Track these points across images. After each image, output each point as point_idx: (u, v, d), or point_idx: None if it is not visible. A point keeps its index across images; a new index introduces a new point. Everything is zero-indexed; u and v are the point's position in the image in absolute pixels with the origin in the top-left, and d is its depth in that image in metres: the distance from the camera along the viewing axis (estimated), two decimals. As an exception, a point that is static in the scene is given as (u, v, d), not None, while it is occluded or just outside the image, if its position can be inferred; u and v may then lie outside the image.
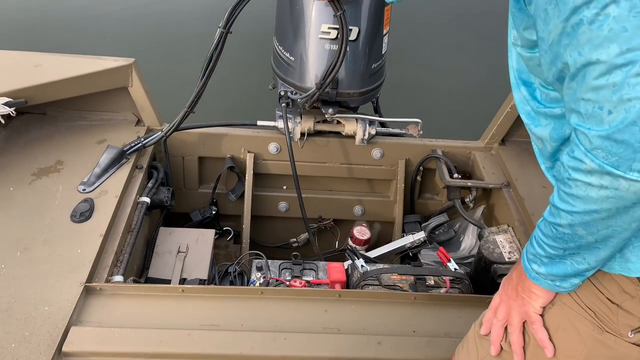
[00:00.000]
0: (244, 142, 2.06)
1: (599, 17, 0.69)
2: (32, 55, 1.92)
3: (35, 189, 1.68)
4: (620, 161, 0.72)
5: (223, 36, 1.72)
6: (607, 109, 0.71)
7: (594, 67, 0.72)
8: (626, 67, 0.69)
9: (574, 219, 0.82)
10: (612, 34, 0.69)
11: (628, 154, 0.71)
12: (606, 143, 0.72)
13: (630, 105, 0.69)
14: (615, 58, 0.69)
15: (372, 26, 1.83)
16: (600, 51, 0.70)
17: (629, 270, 0.90)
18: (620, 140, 0.71)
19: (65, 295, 1.35)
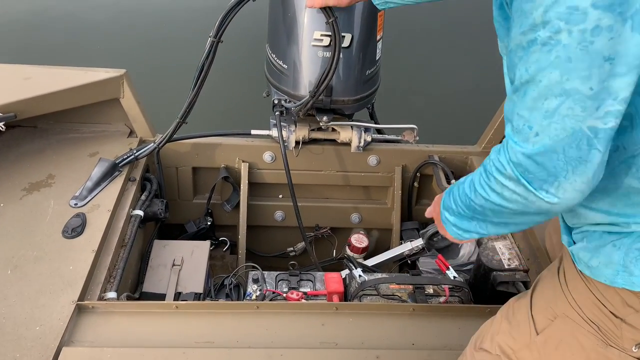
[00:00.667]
0: (238, 152, 2.04)
1: (550, 41, 0.71)
2: (22, 68, 1.89)
3: (26, 204, 1.66)
4: (534, 179, 0.79)
5: (214, 45, 1.70)
6: (535, 131, 0.76)
7: (535, 88, 0.75)
8: (561, 98, 0.72)
9: (486, 204, 0.91)
10: (558, 61, 0.71)
11: (542, 175, 0.78)
12: (526, 161, 0.78)
13: (555, 133, 0.74)
14: (554, 85, 0.72)
15: (365, 32, 1.81)
16: (543, 74, 0.73)
17: (633, 284, 0.88)
18: (539, 162, 0.77)
19: (56, 315, 1.32)
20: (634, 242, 0.87)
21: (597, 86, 0.70)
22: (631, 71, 0.70)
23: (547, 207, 0.81)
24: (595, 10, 0.67)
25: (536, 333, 1.01)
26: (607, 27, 0.68)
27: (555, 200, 0.79)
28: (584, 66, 0.70)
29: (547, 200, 0.79)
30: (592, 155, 0.75)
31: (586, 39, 0.68)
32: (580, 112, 0.72)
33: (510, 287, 1.68)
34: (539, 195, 0.79)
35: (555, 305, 1.00)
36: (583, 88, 0.71)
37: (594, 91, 0.71)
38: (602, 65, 0.70)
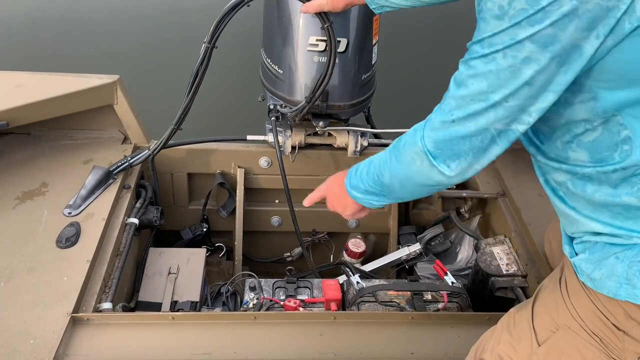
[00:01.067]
0: (234, 157, 2.02)
1: (489, 56, 0.82)
2: (13, 75, 1.87)
3: (19, 213, 1.63)
4: (439, 155, 0.94)
5: (208, 51, 1.68)
6: (453, 118, 0.90)
7: (466, 88, 0.87)
8: (482, 103, 0.85)
9: (394, 175, 1.06)
10: (490, 74, 0.83)
11: (447, 153, 0.93)
12: (438, 140, 0.93)
13: (469, 126, 0.88)
14: (480, 93, 0.85)
15: (361, 37, 1.79)
16: (475, 80, 0.85)
17: (636, 297, 0.87)
18: (449, 142, 0.92)
19: (51, 327, 1.30)
20: (637, 255, 0.86)
21: (513, 102, 0.83)
22: (546, 95, 0.82)
23: (443, 179, 0.97)
24: (532, 44, 0.77)
25: (538, 345, 1.00)
26: (536, 60, 0.78)
27: (452, 174, 0.95)
28: (508, 86, 0.82)
29: (445, 173, 0.95)
30: (491, 148, 0.90)
31: (516, 64, 0.80)
32: (493, 117, 0.86)
33: (509, 292, 1.68)
34: (439, 169, 0.95)
35: (557, 317, 0.99)
36: (502, 101, 0.84)
37: (510, 105, 0.84)
38: (522, 88, 0.81)
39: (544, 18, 0.74)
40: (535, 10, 0.74)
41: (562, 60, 0.77)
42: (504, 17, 0.77)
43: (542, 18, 0.74)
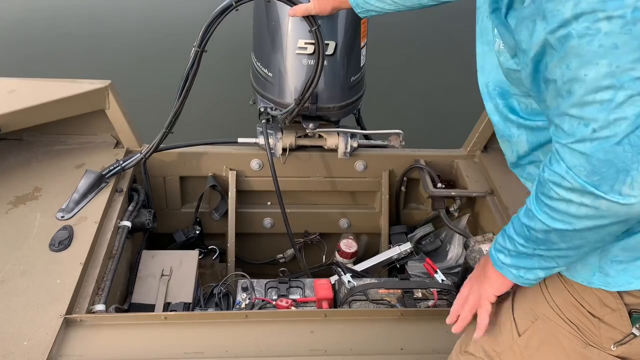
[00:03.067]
0: (226, 160, 2.04)
1: (589, 32, 0.67)
2: (6, 81, 1.88)
3: (12, 218, 1.65)
4: (602, 181, 0.72)
5: (198, 55, 1.70)
6: (592, 127, 0.70)
7: (581, 84, 0.70)
8: (614, 87, 0.68)
9: (550, 230, 0.82)
10: (603, 49, 0.67)
11: (611, 174, 0.71)
12: (590, 162, 0.71)
13: (616, 125, 0.69)
14: (604, 76, 0.68)
15: (349, 40, 1.82)
16: (589, 67, 0.68)
17: (608, 285, 0.90)
18: (603, 159, 0.70)
19: (44, 329, 1.32)
20: (609, 244, 0.89)
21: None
22: None
23: (625, 211, 0.72)
24: None
25: (518, 335, 1.03)
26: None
27: (633, 200, 0.71)
28: (632, 49, 0.66)
29: (623, 203, 0.72)
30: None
31: (628, 22, 0.66)
32: (638, 95, 0.67)
33: (497, 289, 1.70)
34: (612, 199, 0.72)
35: (535, 307, 1.02)
36: (635, 72, 0.67)
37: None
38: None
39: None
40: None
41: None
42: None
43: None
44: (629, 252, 0.88)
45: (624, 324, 0.91)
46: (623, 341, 0.92)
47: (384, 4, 1.52)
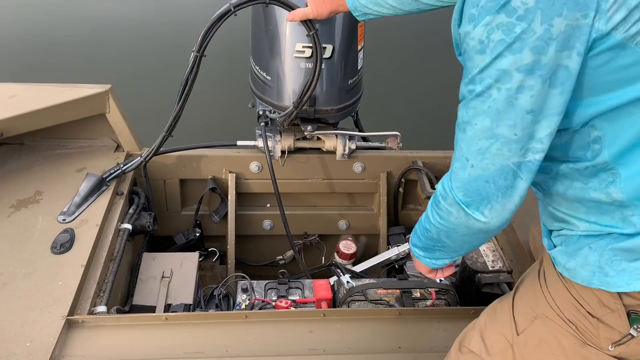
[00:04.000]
0: (225, 163, 2.06)
1: (484, 94, 0.84)
2: (7, 87, 1.91)
3: (14, 221, 1.67)
4: (471, 203, 0.93)
5: (197, 60, 1.72)
6: (470, 163, 0.90)
7: (471, 129, 0.87)
8: (491, 140, 0.85)
9: (439, 231, 1.04)
10: (490, 111, 0.84)
11: (477, 199, 0.92)
12: (464, 188, 0.92)
13: (487, 167, 0.88)
14: (486, 130, 0.85)
15: (346, 43, 1.84)
16: (478, 119, 0.86)
17: (608, 285, 0.91)
18: (474, 188, 0.91)
19: (47, 330, 1.33)
20: (609, 244, 0.91)
21: (520, 132, 0.84)
22: (549, 118, 0.83)
23: (483, 226, 0.94)
24: (519, 73, 0.79)
25: (517, 333, 1.05)
26: (528, 87, 0.80)
27: (487, 220, 0.93)
28: (510, 117, 0.83)
29: (481, 220, 0.93)
30: (517, 184, 0.89)
31: (511, 95, 0.81)
32: (507, 152, 0.86)
33: (495, 288, 1.72)
34: (475, 217, 0.93)
35: (535, 307, 1.03)
36: (509, 134, 0.84)
37: (518, 136, 0.84)
38: (525, 117, 0.83)
39: (522, 46, 0.77)
40: (512, 39, 0.77)
41: (553, 82, 0.79)
42: (486, 51, 0.80)
43: (521, 46, 0.77)
44: (629, 254, 0.89)
45: (622, 325, 0.92)
46: (621, 342, 0.93)
47: (382, 8, 1.54)
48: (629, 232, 0.88)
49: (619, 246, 0.89)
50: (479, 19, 0.80)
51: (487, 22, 0.79)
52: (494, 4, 0.78)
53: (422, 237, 1.12)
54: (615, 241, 0.90)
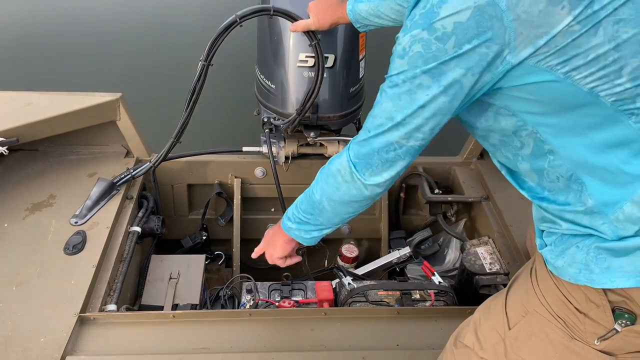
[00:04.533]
0: (231, 168, 2.13)
1: (392, 84, 1.01)
2: (23, 95, 1.99)
3: (29, 224, 1.74)
4: (358, 165, 1.12)
5: (205, 69, 1.77)
6: (368, 134, 1.08)
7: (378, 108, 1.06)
8: (387, 120, 1.03)
9: (324, 190, 1.21)
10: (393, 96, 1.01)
11: (363, 164, 1.11)
12: (357, 155, 1.11)
13: (378, 141, 1.06)
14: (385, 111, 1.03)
15: (348, 53, 1.91)
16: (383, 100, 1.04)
17: (593, 282, 0.96)
18: (364, 156, 1.10)
19: (60, 326, 1.40)
20: (594, 243, 0.96)
21: (411, 121, 1.00)
22: (435, 117, 0.99)
23: (361, 185, 1.13)
24: (425, 76, 0.95)
25: (509, 328, 1.09)
26: (427, 87, 0.96)
27: (369, 182, 1.12)
28: (406, 105, 0.99)
29: (363, 181, 1.12)
30: (397, 161, 1.08)
31: (412, 89, 0.97)
32: (396, 133, 1.03)
33: (493, 289, 1.76)
34: (359, 176, 1.12)
35: (527, 303, 1.08)
36: (402, 120, 1.01)
37: (408, 124, 1.01)
38: (418, 111, 0.99)
39: (435, 59, 0.92)
40: (428, 53, 0.92)
41: (447, 91, 0.95)
42: (404, 57, 0.96)
43: (434, 59, 0.92)
44: (613, 253, 0.94)
45: (607, 320, 0.97)
46: (606, 336, 0.97)
47: (381, 20, 1.60)
48: (607, 238, 0.94)
49: (604, 245, 0.95)
50: (409, 30, 0.94)
51: (413, 34, 0.93)
52: (423, 22, 0.92)
53: (303, 204, 1.31)
54: (600, 241, 0.95)
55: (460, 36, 0.89)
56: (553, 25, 0.85)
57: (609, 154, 0.92)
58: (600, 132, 0.92)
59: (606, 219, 0.95)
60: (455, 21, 0.88)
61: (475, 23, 0.87)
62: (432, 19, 0.90)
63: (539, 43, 0.86)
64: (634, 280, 0.91)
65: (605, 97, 0.88)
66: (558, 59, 0.87)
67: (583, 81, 0.88)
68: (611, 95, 0.88)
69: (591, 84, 0.88)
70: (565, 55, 0.86)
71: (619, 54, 0.85)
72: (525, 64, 0.89)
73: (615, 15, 0.84)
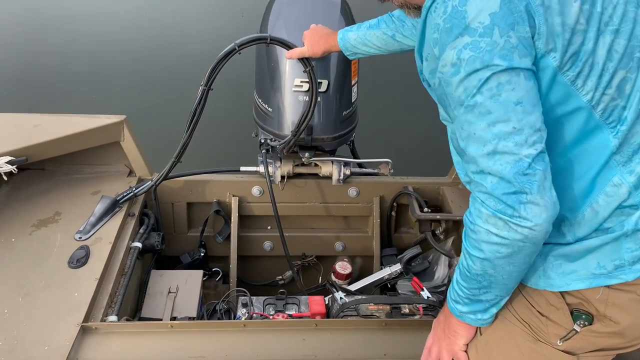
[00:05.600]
0: (229, 187, 2.22)
1: (470, 103, 0.91)
2: (32, 117, 2.09)
3: (35, 239, 1.82)
4: (506, 209, 0.91)
5: (205, 93, 1.85)
6: (487, 173, 0.92)
7: (472, 141, 0.93)
8: (495, 140, 0.90)
9: (484, 263, 0.99)
10: (480, 114, 0.91)
11: (511, 203, 0.91)
12: (493, 198, 0.92)
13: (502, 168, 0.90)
14: (484, 133, 0.90)
15: (341, 78, 2.03)
16: (474, 128, 0.91)
17: (552, 286, 1.05)
18: (501, 194, 0.91)
19: (63, 335, 1.47)
20: (550, 251, 1.05)
21: (517, 124, 0.89)
22: (536, 105, 0.91)
23: (528, 232, 0.91)
24: (494, 75, 0.88)
25: (480, 334, 1.17)
26: (506, 82, 0.89)
27: (531, 223, 0.90)
28: (502, 113, 0.89)
29: (524, 225, 0.90)
30: (536, 175, 0.89)
31: (494, 93, 0.89)
32: (513, 146, 0.89)
33: (478, 304, 1.84)
34: (516, 222, 0.90)
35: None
36: (507, 129, 0.89)
37: (517, 128, 0.89)
38: (515, 109, 0.89)
39: (491, 56, 0.87)
40: (482, 52, 0.87)
41: (520, 74, 0.88)
42: (460, 70, 0.90)
43: (490, 56, 0.87)
44: (567, 258, 1.03)
45: (567, 321, 1.05)
46: (567, 337, 1.06)
47: (368, 48, 1.72)
48: (563, 242, 1.02)
49: (558, 252, 1.03)
50: (444, 43, 0.90)
51: (453, 46, 0.89)
52: (456, 28, 0.88)
53: (464, 282, 1.06)
54: (554, 248, 1.04)
55: (501, 25, 0.86)
56: (569, 15, 0.89)
57: (581, 164, 0.98)
58: (581, 142, 0.97)
59: (567, 222, 1.02)
60: (489, 12, 0.87)
61: (508, 9, 0.87)
62: (465, 19, 0.87)
63: (560, 31, 0.88)
64: (587, 282, 1.00)
65: (597, 108, 0.94)
66: (571, 62, 0.90)
67: (584, 89, 0.92)
68: (602, 104, 0.94)
69: (590, 94, 0.92)
70: (577, 58, 0.90)
71: (613, 64, 0.92)
72: (548, 59, 0.89)
73: (611, 24, 0.91)
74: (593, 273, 1.00)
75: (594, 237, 1.00)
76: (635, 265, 0.98)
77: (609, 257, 0.99)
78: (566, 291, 1.03)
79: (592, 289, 1.00)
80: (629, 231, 0.97)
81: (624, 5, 0.93)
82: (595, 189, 0.99)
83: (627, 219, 0.97)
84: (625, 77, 0.93)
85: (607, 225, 0.99)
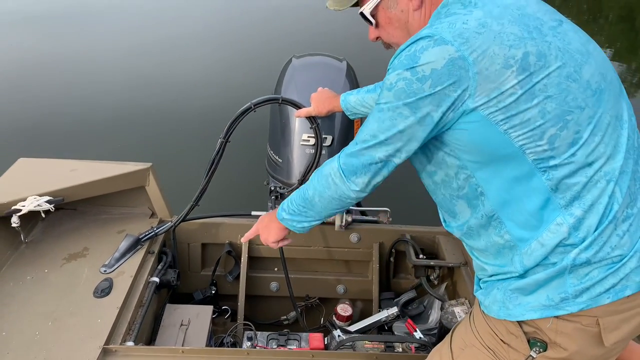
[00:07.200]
0: (241, 230, 2.41)
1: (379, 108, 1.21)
2: (69, 162, 2.35)
3: (65, 271, 2.03)
4: (347, 172, 1.28)
5: (223, 145, 2.06)
6: (358, 147, 1.26)
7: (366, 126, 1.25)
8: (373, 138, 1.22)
9: (316, 189, 1.38)
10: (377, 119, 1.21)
11: (350, 173, 1.28)
12: (347, 160, 1.29)
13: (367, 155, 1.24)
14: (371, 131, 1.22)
15: (344, 134, 2.27)
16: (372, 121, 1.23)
17: (510, 316, 1.21)
18: (351, 167, 1.28)
19: (87, 356, 1.64)
20: (508, 285, 1.21)
21: (392, 143, 1.20)
22: (411, 142, 1.19)
23: (347, 188, 1.30)
24: (404, 107, 1.15)
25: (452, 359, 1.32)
26: (405, 117, 1.16)
27: (353, 187, 1.29)
28: (388, 128, 1.19)
29: (349, 185, 1.29)
30: (381, 172, 1.25)
31: (394, 116, 1.17)
32: (381, 151, 1.22)
33: (467, 345, 1.97)
34: (346, 180, 1.30)
35: (465, 338, 1.32)
36: (382, 138, 1.20)
37: (389, 144, 1.20)
38: (397, 135, 1.19)
39: (414, 95, 1.13)
40: (409, 90, 1.13)
41: (421, 121, 1.15)
42: (391, 90, 1.16)
43: (413, 95, 1.13)
44: (522, 291, 1.20)
45: (525, 348, 1.20)
46: None
47: (366, 109, 1.96)
48: (517, 274, 1.19)
49: (514, 286, 1.20)
50: (397, 68, 1.15)
51: (398, 73, 1.14)
52: (407, 63, 1.12)
53: (297, 200, 1.47)
54: (511, 282, 1.20)
55: (435, 79, 1.09)
56: (503, 83, 1.07)
57: (525, 201, 1.15)
58: (520, 182, 1.14)
59: (518, 251, 1.18)
60: (432, 68, 1.09)
61: (448, 71, 1.08)
62: (415, 62, 1.10)
63: (492, 95, 1.07)
64: (539, 312, 1.16)
65: (529, 154, 1.11)
66: (503, 115, 1.08)
67: (517, 138, 1.11)
68: (534, 153, 1.11)
69: (522, 142, 1.11)
70: (508, 112, 1.08)
71: (544, 121, 1.10)
72: (478, 112, 1.09)
73: (546, 91, 1.10)
74: (543, 305, 1.16)
75: (540, 270, 1.16)
76: (578, 298, 1.13)
77: (556, 291, 1.15)
78: (523, 321, 1.19)
79: (543, 319, 1.16)
80: (568, 266, 1.13)
81: (557, 77, 1.11)
82: (543, 225, 1.14)
83: (566, 255, 1.14)
84: (555, 133, 1.10)
85: (551, 260, 1.14)
